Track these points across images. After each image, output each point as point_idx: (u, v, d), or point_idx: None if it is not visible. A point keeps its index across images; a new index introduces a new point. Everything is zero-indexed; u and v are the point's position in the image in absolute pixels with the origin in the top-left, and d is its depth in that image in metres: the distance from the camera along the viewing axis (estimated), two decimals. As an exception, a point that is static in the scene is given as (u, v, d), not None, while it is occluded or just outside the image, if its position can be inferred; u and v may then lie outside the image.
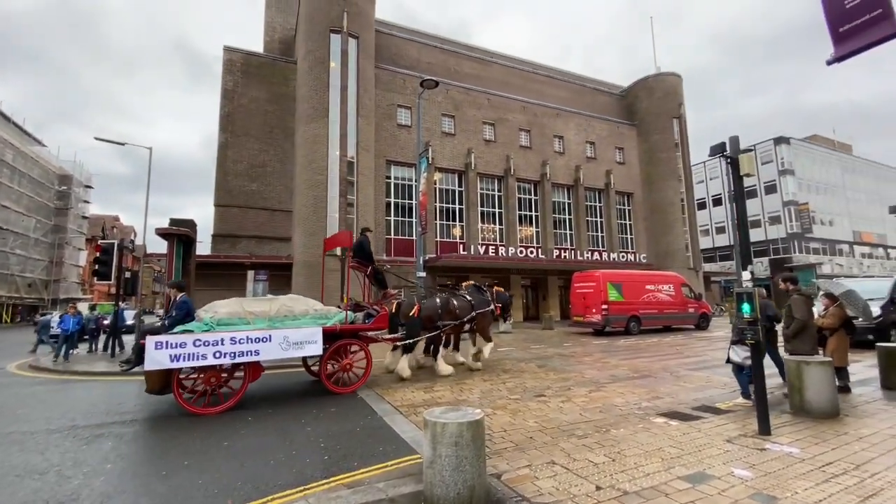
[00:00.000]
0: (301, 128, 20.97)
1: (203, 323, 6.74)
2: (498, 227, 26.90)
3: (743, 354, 6.07)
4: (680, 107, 32.37)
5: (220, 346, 6.38)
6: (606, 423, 5.47)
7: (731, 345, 6.37)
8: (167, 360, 6.05)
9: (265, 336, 6.77)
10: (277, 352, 6.82)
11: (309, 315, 7.65)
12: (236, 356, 6.54)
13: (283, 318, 7.35)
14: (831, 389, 5.44)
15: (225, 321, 6.86)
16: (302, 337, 7.06)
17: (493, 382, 8.24)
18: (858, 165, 51.08)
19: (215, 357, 6.36)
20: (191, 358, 6.19)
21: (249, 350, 6.61)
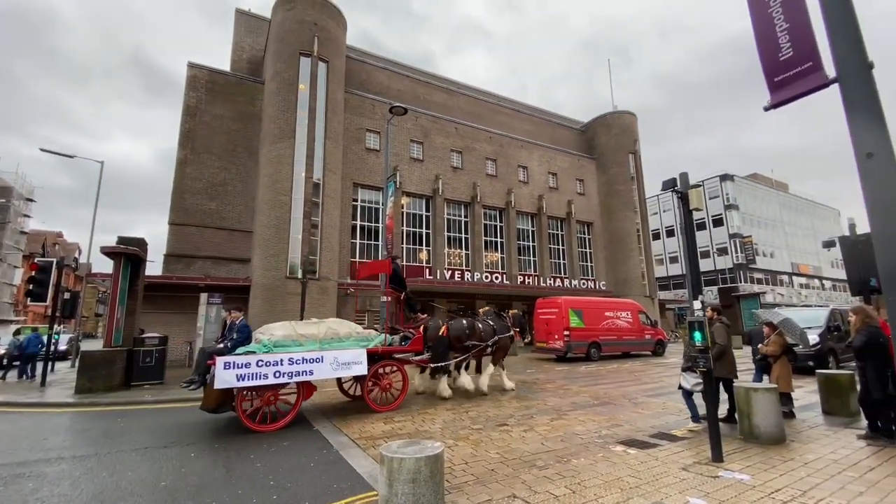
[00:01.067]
0: (266, 147, 20.58)
1: (262, 345, 7.12)
2: (464, 252, 27.08)
3: (693, 381, 6.31)
4: (635, 143, 34.31)
5: (279, 366, 6.84)
6: (567, 453, 5.44)
7: (682, 371, 6.60)
8: (234, 380, 6.46)
9: (318, 357, 7.23)
10: (329, 372, 7.34)
11: (352, 338, 8.18)
12: (293, 376, 6.97)
13: (331, 340, 7.81)
14: (777, 415, 5.68)
15: (281, 343, 7.28)
16: (350, 358, 7.56)
17: (455, 412, 8.08)
18: (795, 203, 55.53)
19: (275, 377, 6.77)
20: (254, 377, 6.61)
21: (305, 370, 7.07)
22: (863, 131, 3.86)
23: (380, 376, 8.43)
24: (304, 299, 12.05)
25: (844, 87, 4.01)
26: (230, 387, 6.52)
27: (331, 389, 10.74)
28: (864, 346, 5.62)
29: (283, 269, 18.64)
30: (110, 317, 11.86)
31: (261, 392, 6.96)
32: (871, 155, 3.79)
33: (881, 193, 3.70)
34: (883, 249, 3.67)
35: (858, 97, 3.91)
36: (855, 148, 3.89)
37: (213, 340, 9.70)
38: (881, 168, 3.73)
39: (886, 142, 3.78)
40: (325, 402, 9.23)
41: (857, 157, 3.89)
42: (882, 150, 3.76)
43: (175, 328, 18.38)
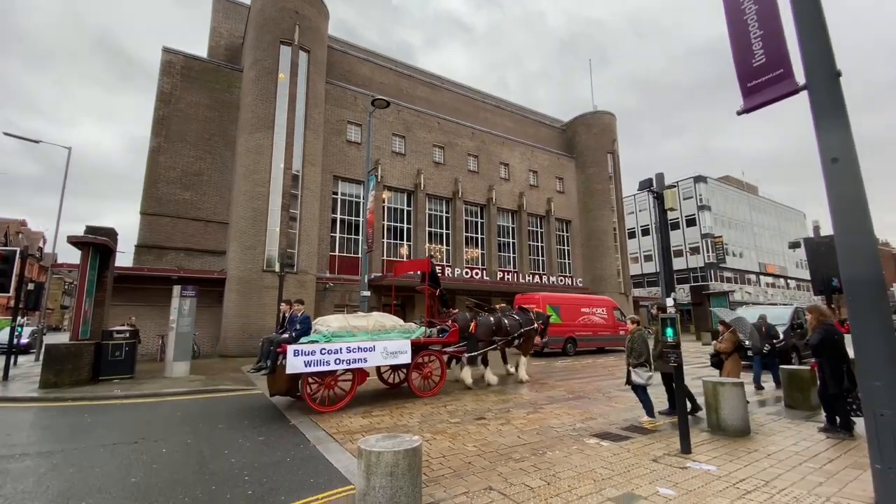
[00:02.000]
0: (243, 137, 20.07)
1: (321, 335, 7.75)
2: (445, 247, 27.10)
3: (645, 376, 6.58)
4: (614, 143, 34.93)
5: (339, 354, 7.60)
6: (543, 446, 5.54)
7: (633, 368, 6.73)
8: (302, 366, 7.19)
9: (371, 346, 7.98)
10: (379, 360, 8.13)
11: (397, 329, 8.89)
12: (350, 363, 7.72)
13: (378, 331, 8.51)
14: (743, 409, 5.92)
15: (337, 334, 7.92)
16: (396, 348, 8.35)
17: (433, 406, 8.12)
18: (763, 205, 57.62)
19: (336, 363, 7.54)
20: (319, 364, 7.36)
21: (360, 358, 7.84)
22: (829, 137, 4.03)
23: (421, 365, 9.18)
24: (280, 293, 11.85)
25: (813, 93, 4.17)
26: (299, 372, 7.24)
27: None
28: (819, 344, 5.86)
29: (259, 262, 18.29)
30: (77, 309, 11.42)
31: (323, 377, 7.67)
32: (836, 160, 3.97)
33: (844, 197, 3.88)
34: (845, 251, 3.86)
35: (825, 104, 4.07)
36: (821, 153, 4.07)
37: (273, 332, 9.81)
38: (845, 173, 3.91)
39: (851, 147, 3.96)
40: (302, 396, 9.12)
41: (822, 162, 4.07)
42: (846, 156, 3.94)
43: (146, 321, 17.83)
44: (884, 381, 3.46)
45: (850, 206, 3.86)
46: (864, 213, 3.82)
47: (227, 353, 17.75)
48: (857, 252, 3.78)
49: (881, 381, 3.47)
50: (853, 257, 3.79)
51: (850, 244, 3.83)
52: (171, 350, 11.89)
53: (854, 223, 3.81)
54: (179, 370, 11.81)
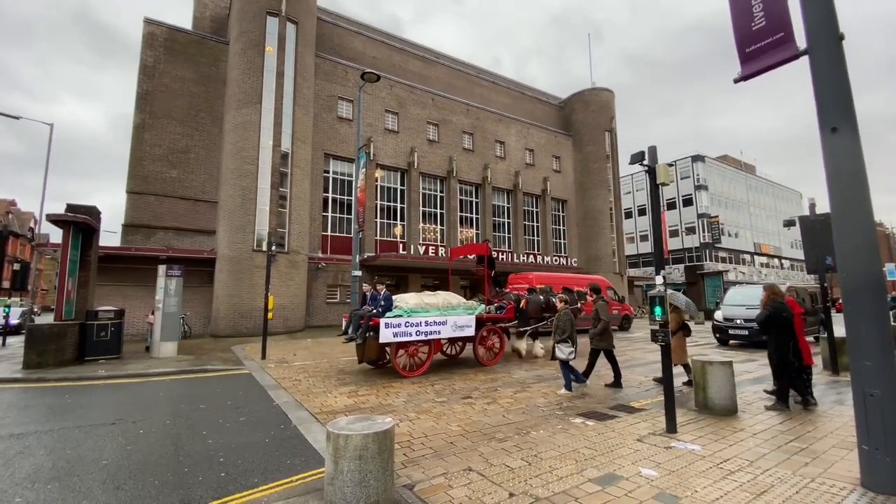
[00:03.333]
0: (231, 113, 19.50)
1: (402, 311, 8.76)
2: (439, 227, 26.86)
3: (567, 351, 7.05)
4: (612, 120, 34.36)
5: (420, 326, 8.66)
6: (527, 425, 5.47)
7: (556, 344, 7.20)
8: (392, 336, 8.31)
9: (444, 321, 9.05)
10: (451, 332, 9.18)
11: (462, 306, 10.01)
12: (428, 334, 8.81)
13: (447, 308, 9.56)
14: (731, 388, 5.84)
15: (415, 310, 8.97)
16: (464, 322, 9.41)
17: (421, 385, 8.04)
18: (760, 185, 57.37)
19: (416, 335, 8.62)
20: (404, 335, 8.46)
21: (436, 330, 8.93)
22: (829, 105, 3.80)
23: (484, 338, 10.22)
24: (269, 273, 11.65)
25: (814, 59, 3.92)
26: (389, 342, 8.34)
27: (298, 364, 10.58)
28: (766, 320, 6.13)
29: (249, 242, 18.02)
30: (60, 289, 11.21)
31: (406, 346, 8.80)
32: (835, 130, 3.75)
33: (843, 170, 3.68)
34: (841, 227, 3.68)
35: (826, 70, 3.83)
36: (820, 122, 3.84)
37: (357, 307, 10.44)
38: (845, 144, 3.70)
39: (851, 117, 3.74)
40: (287, 375, 9.04)
41: (821, 132, 3.85)
42: (846, 126, 3.72)
43: (135, 301, 17.68)
44: (874, 361, 3.33)
45: (848, 180, 3.66)
46: (864, 187, 3.63)
47: (218, 333, 17.66)
48: (854, 228, 3.60)
49: (872, 361, 3.34)
50: (850, 233, 3.62)
51: (848, 219, 3.65)
52: (157, 330, 11.74)
53: (852, 198, 3.62)
54: (167, 350, 11.70)
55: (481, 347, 10.09)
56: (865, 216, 3.56)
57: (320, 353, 12.64)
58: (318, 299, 20.99)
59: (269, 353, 12.18)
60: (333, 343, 14.76)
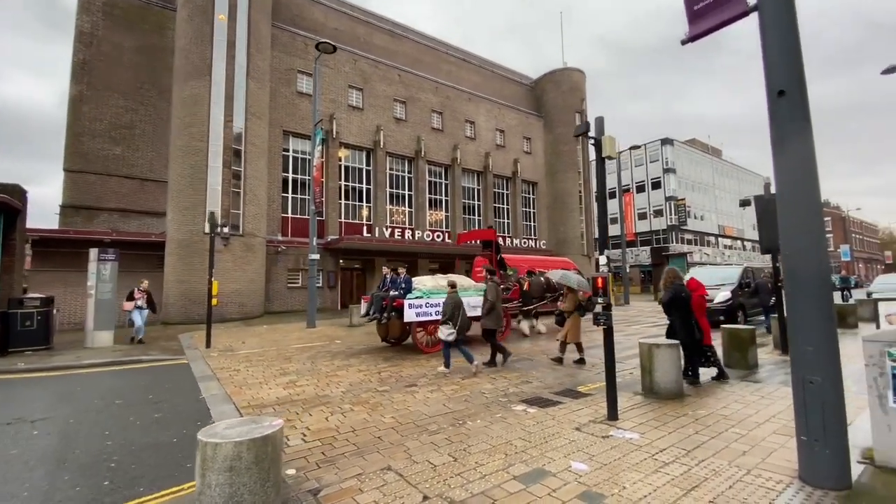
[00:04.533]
0: (178, 86, 18.14)
1: (422, 292, 9.31)
2: (408, 209, 26.24)
3: (447, 332, 7.27)
4: (582, 101, 34.12)
5: (438, 307, 9.02)
6: (466, 414, 5.14)
7: (440, 325, 7.50)
8: (414, 316, 8.96)
9: None
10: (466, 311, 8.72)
11: (473, 288, 10.45)
12: None
13: (459, 289, 9.14)
14: (677, 371, 5.65)
15: (433, 291, 9.45)
16: (476, 303, 9.48)
17: (368, 373, 7.63)
18: (726, 168, 58.76)
19: (436, 314, 9.08)
20: (424, 314, 9.10)
21: None
22: (777, 66, 3.46)
23: None
24: (212, 256, 10.90)
25: (763, 15, 3.56)
26: (412, 321, 9.03)
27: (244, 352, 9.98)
28: (669, 301, 6.33)
29: (200, 224, 17.00)
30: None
31: (426, 325, 9.36)
32: (782, 93, 3.41)
33: (789, 137, 3.36)
34: (785, 200, 3.38)
35: (776, 26, 3.47)
36: (767, 84, 3.50)
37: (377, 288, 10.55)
38: (792, 110, 3.37)
39: (800, 79, 3.41)
40: (227, 365, 8.46)
41: (768, 95, 3.51)
42: (795, 89, 3.38)
43: (77, 288, 16.47)
44: (816, 346, 3.08)
45: (795, 149, 3.35)
46: (811, 159, 3.32)
47: (169, 320, 16.73)
48: (798, 202, 3.30)
49: (813, 346, 3.09)
50: (794, 207, 3.32)
51: (792, 193, 3.34)
52: (90, 319, 10.87)
53: (799, 169, 3.31)
54: (102, 340, 10.88)
55: None
56: (811, 190, 3.27)
57: (272, 340, 12.05)
58: (279, 284, 20.19)
59: (218, 341, 11.55)
60: (289, 330, 14.16)
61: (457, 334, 7.30)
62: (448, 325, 7.33)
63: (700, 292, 6.51)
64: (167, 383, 7.36)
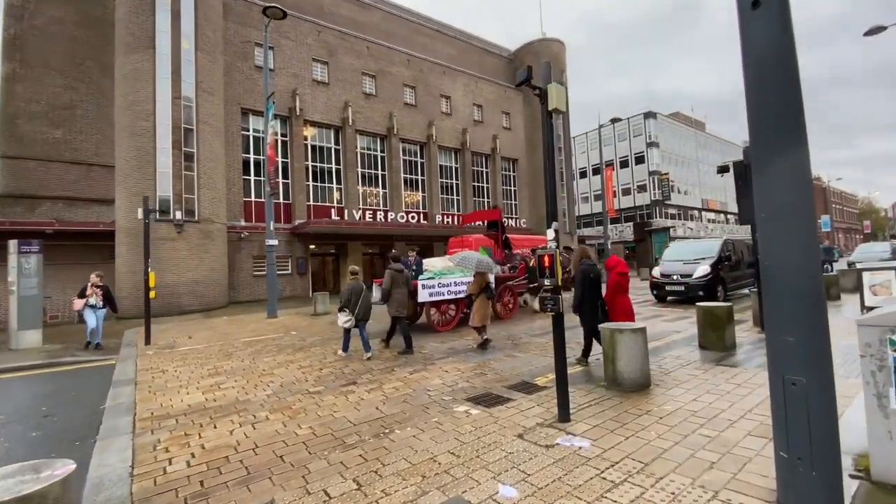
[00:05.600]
0: (119, 60, 16.64)
1: (434, 273, 9.64)
2: (382, 190, 25.16)
3: (343, 319, 7.19)
4: (562, 74, 32.95)
5: (449, 287, 9.41)
6: (398, 420, 4.38)
7: (338, 311, 7.32)
8: (427, 296, 9.08)
9: (468, 281, 8.98)
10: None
11: None
12: (456, 294, 9.53)
13: (466, 269, 9.59)
14: (642, 359, 4.95)
15: (442, 272, 9.77)
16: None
17: (308, 369, 6.82)
18: (709, 142, 58.33)
19: (447, 294, 9.39)
20: (437, 294, 9.25)
21: (461, 290, 9.44)
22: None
23: (502, 295, 10.97)
24: (147, 244, 9.91)
25: None
26: (425, 301, 9.19)
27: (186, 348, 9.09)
28: (577, 281, 6.09)
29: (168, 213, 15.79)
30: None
31: (438, 305, 9.63)
32: (756, 4, 2.57)
33: (765, 63, 2.52)
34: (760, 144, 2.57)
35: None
36: (739, -6, 2.65)
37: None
38: (770, 23, 2.53)
39: (781, -14, 2.55)
40: (156, 365, 7.59)
41: (739, 11, 2.67)
42: (773, 0, 2.54)
43: (19, 283, 15.31)
44: (799, 336, 2.32)
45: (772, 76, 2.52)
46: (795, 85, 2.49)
47: (123, 314, 15.65)
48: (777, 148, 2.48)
49: (795, 336, 2.33)
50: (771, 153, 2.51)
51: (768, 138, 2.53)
52: (13, 318, 9.84)
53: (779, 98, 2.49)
54: (29, 340, 9.87)
55: (499, 304, 10.87)
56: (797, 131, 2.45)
57: (224, 333, 11.17)
58: (244, 272, 19.17)
59: (164, 337, 10.73)
60: (248, 321, 13.28)
61: (355, 321, 7.22)
62: (345, 311, 7.19)
63: (618, 270, 6.10)
64: (76, 390, 6.49)
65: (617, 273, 6.06)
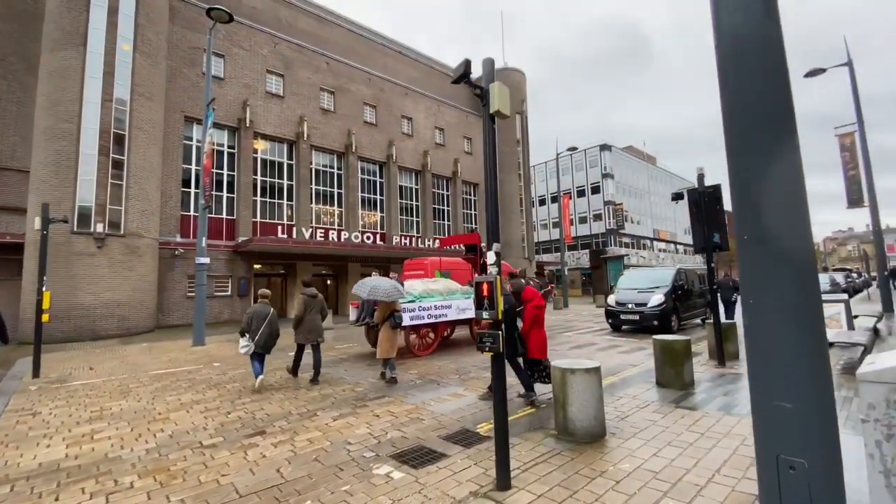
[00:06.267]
0: (46, 57, 15.10)
1: (414, 297, 9.32)
2: (338, 209, 24.14)
3: (242, 344, 6.70)
4: (523, 103, 33.66)
5: (430, 311, 9.36)
6: (299, 488, 3.48)
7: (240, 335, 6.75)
8: (408, 320, 8.71)
9: (449, 304, 9.70)
10: (455, 314, 9.79)
11: (460, 291, 10.45)
12: (437, 318, 9.49)
13: (448, 293, 10.01)
14: (597, 404, 4.32)
15: (423, 295, 9.55)
16: (465, 305, 9.92)
17: (214, 413, 5.74)
18: (660, 175, 61.38)
19: (428, 318, 9.33)
20: (417, 318, 9.10)
21: (442, 314, 9.57)
22: None
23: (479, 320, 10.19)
24: (43, 260, 8.50)
25: None
26: (406, 325, 8.52)
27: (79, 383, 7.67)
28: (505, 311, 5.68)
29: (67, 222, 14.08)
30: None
31: (418, 329, 9.44)
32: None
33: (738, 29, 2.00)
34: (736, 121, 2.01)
35: None
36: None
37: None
38: None
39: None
40: (30, 406, 6.22)
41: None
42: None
43: None
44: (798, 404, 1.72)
45: (752, 55, 1.99)
46: (781, 67, 1.95)
47: (27, 339, 13.63)
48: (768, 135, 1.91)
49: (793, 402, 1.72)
50: (756, 149, 1.95)
51: (756, 115, 1.98)
52: None
53: (760, 83, 1.95)
54: None
55: (477, 327, 10.58)
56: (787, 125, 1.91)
57: (135, 364, 9.71)
58: (177, 293, 17.44)
59: (60, 367, 9.35)
60: (169, 349, 11.80)
61: (254, 348, 6.66)
62: (245, 337, 6.68)
63: (535, 303, 5.89)
64: None
65: (534, 306, 5.86)
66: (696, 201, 7.98)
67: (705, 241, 7.80)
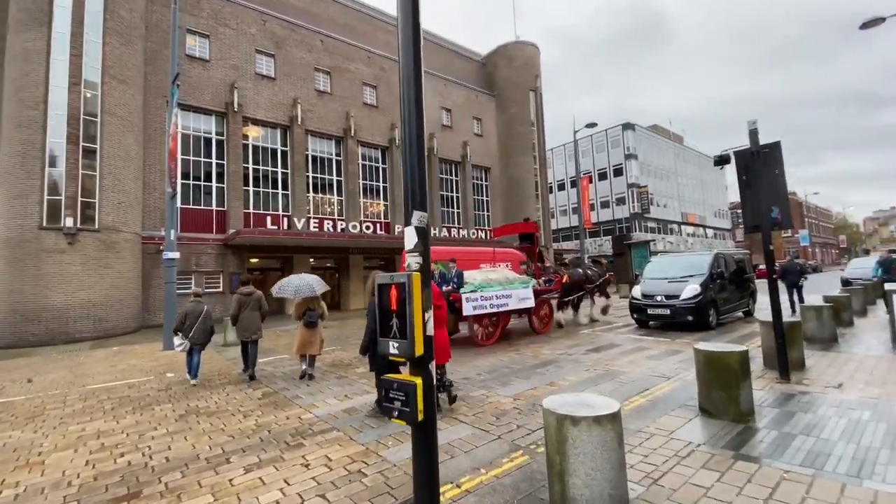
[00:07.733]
0: (11, 40, 14.06)
1: (475, 286, 9.23)
2: (337, 198, 22.76)
3: (177, 342, 6.73)
4: (537, 79, 31.45)
5: (492, 300, 9.28)
6: None
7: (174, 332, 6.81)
8: (472, 310, 8.88)
9: (510, 294, 9.66)
10: (515, 304, 9.77)
11: (518, 281, 10.42)
12: (498, 307, 9.41)
13: (507, 283, 10.00)
14: (614, 471, 2.69)
15: (482, 285, 9.44)
16: (525, 295, 9.98)
17: (105, 454, 4.36)
18: (688, 155, 57.83)
19: (490, 307, 9.24)
20: (480, 308, 9.05)
21: (503, 303, 9.50)
22: None
23: (538, 308, 10.79)
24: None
25: None
26: (470, 314, 8.90)
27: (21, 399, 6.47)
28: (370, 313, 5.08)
29: (34, 216, 13.11)
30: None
31: (481, 319, 9.50)
32: None
33: None
34: None
35: None
36: None
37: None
38: None
39: None
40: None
41: None
42: None
43: None
44: None
45: None
46: None
47: (-4, 342, 12.79)
48: None
49: None
50: None
51: None
52: None
53: None
54: None
55: (535, 317, 10.77)
56: None
57: (83, 374, 8.52)
58: (162, 291, 16.36)
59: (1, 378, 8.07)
60: (137, 353, 10.68)
61: (189, 344, 6.77)
62: (179, 335, 6.77)
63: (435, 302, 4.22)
64: None
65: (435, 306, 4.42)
66: (746, 165, 6.13)
67: (761, 217, 5.96)
